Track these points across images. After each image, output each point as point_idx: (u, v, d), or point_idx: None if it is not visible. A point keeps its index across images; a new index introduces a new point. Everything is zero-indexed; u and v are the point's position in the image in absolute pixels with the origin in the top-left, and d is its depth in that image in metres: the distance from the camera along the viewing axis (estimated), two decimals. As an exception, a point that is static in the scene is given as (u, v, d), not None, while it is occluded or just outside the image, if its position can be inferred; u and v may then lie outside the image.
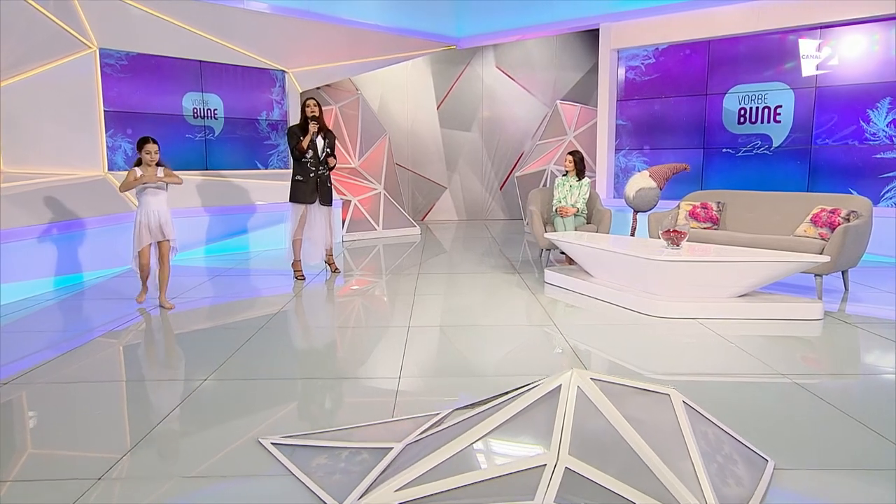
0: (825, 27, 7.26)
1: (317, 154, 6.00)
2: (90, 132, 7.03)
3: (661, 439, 2.04)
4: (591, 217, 6.71)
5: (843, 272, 5.28)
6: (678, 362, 3.73)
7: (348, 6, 8.61)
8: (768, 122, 7.76)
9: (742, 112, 7.97)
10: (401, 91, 11.57)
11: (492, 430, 2.10)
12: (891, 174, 6.98)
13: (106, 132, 7.20)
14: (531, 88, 11.63)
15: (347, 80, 10.54)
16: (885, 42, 6.91)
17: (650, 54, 8.65)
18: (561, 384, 2.18)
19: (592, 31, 9.68)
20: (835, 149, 7.35)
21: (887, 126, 6.96)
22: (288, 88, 8.95)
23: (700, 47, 8.24)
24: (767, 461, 2.32)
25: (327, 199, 6.15)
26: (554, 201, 6.69)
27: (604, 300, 5.09)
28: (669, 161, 7.84)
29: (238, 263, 7.18)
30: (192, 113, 8.05)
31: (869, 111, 7.05)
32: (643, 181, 6.74)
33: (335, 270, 6.49)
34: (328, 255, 6.44)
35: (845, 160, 7.26)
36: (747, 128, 7.96)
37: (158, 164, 4.90)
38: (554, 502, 1.84)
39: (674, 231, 4.95)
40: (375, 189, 9.93)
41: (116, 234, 6.25)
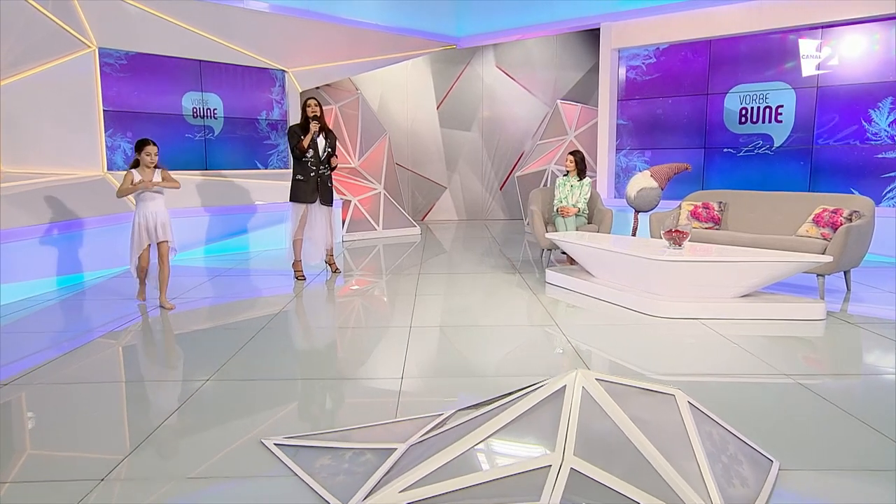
0: (826, 27, 7.25)
1: (317, 153, 5.98)
2: (89, 132, 7.01)
3: (667, 440, 2.03)
4: (593, 217, 6.70)
5: (846, 272, 5.27)
6: (681, 363, 3.72)
7: (348, 6, 8.60)
8: (769, 122, 7.75)
9: (743, 112, 7.95)
10: (401, 91, 11.55)
11: (496, 431, 2.09)
12: (892, 174, 6.98)
13: (105, 132, 7.18)
14: (531, 88, 11.62)
15: (347, 80, 10.53)
16: (887, 42, 6.90)
17: (651, 54, 8.64)
18: (566, 385, 2.17)
19: (593, 31, 9.67)
20: (836, 149, 7.34)
21: (889, 126, 6.96)
22: (288, 88, 8.94)
23: (701, 47, 8.23)
24: (772, 461, 2.31)
25: (328, 199, 6.14)
26: (555, 201, 6.68)
27: (605, 300, 5.08)
28: (671, 161, 7.82)
29: (238, 263, 7.16)
30: (192, 112, 8.03)
31: (871, 111, 7.05)
32: (644, 181, 6.73)
33: (336, 270, 6.47)
34: (329, 256, 6.43)
35: (847, 160, 7.25)
36: (748, 127, 7.95)
37: (156, 167, 4.91)
38: (560, 503, 1.82)
39: (676, 231, 4.94)
40: (375, 189, 9.92)
41: (117, 234, 6.23)
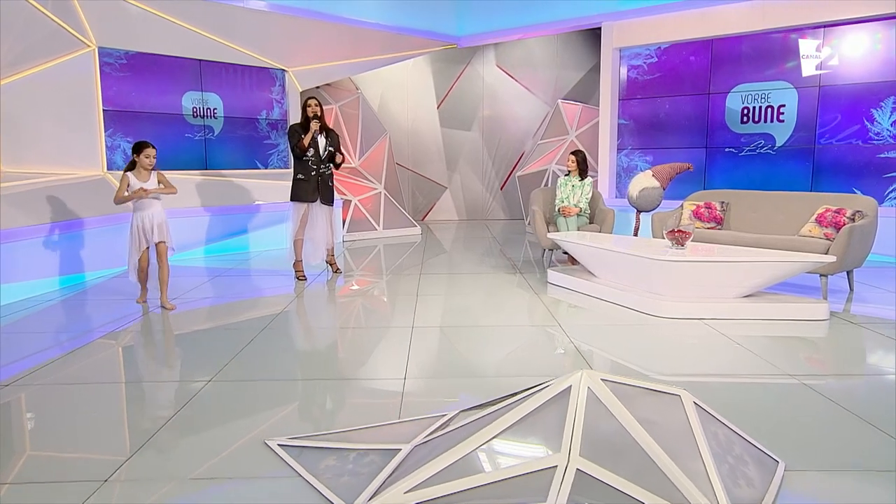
0: (828, 26, 7.24)
1: (318, 153, 5.96)
2: (89, 132, 6.98)
3: (673, 440, 2.02)
4: (594, 217, 6.68)
5: (849, 272, 5.25)
6: (684, 363, 3.71)
7: (348, 5, 8.57)
8: (771, 122, 7.74)
9: (745, 111, 7.94)
10: (401, 90, 11.52)
11: (502, 432, 2.08)
12: (895, 174, 6.96)
13: (105, 132, 7.16)
14: (532, 87, 11.60)
15: (348, 80, 10.51)
16: (889, 41, 6.89)
17: (652, 53, 8.62)
18: (571, 385, 2.16)
19: (593, 30, 9.65)
20: (838, 148, 7.32)
21: (891, 125, 6.94)
22: (288, 87, 8.92)
23: (703, 46, 8.21)
24: (778, 462, 2.30)
25: (329, 198, 6.12)
26: (556, 201, 6.66)
27: (607, 300, 5.06)
28: (672, 161, 7.80)
29: (238, 264, 7.14)
30: (192, 112, 8.01)
31: (873, 110, 7.03)
32: (646, 181, 6.72)
33: (337, 271, 6.45)
34: (329, 255, 6.41)
35: (849, 160, 7.24)
36: (750, 127, 7.93)
37: (152, 169, 4.96)
38: (566, 504, 1.81)
39: (678, 231, 4.92)
40: (376, 189, 9.90)
41: (117, 234, 6.21)
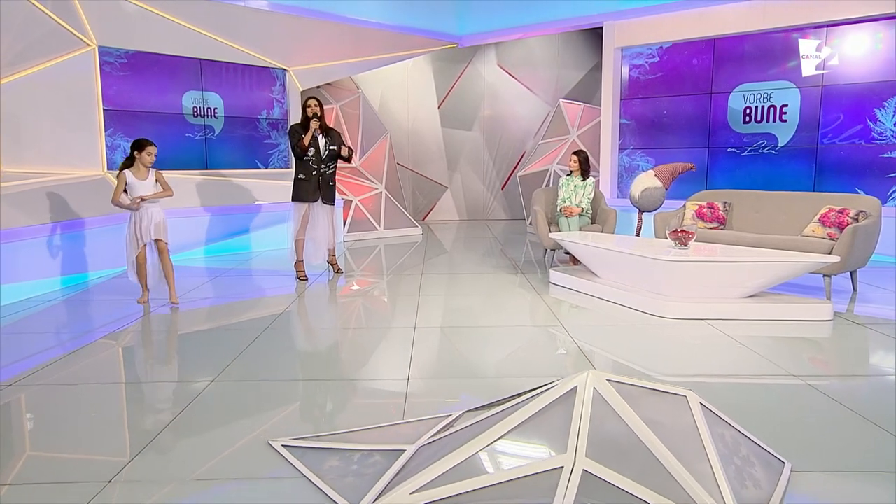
0: (831, 25, 7.22)
1: (318, 152, 5.94)
2: (89, 131, 6.96)
3: (679, 441, 2.01)
4: (596, 217, 6.66)
5: (852, 273, 5.24)
6: (688, 363, 3.69)
7: (349, 4, 8.55)
8: (774, 122, 7.72)
9: (747, 111, 7.92)
10: (401, 90, 11.50)
11: (508, 433, 2.06)
12: (898, 174, 6.96)
13: (105, 131, 7.13)
14: (533, 87, 11.58)
15: (348, 79, 10.48)
16: (891, 41, 6.86)
17: (654, 53, 8.60)
18: (577, 386, 2.14)
19: (595, 30, 9.64)
20: (841, 148, 7.30)
21: (894, 125, 6.91)
22: (288, 87, 8.89)
23: (705, 46, 8.19)
24: (784, 463, 2.29)
25: (329, 198, 6.10)
26: (558, 201, 6.64)
27: (610, 301, 5.04)
28: (674, 160, 7.78)
29: (239, 264, 7.13)
30: (192, 111, 7.99)
31: (876, 110, 7.00)
32: (649, 181, 6.70)
33: (338, 271, 6.43)
34: (331, 256, 6.39)
35: (852, 160, 7.21)
36: (753, 127, 7.91)
37: (151, 167, 5.01)
38: (573, 505, 1.80)
39: (681, 231, 4.90)
40: (376, 189, 9.87)
41: (118, 234, 6.15)
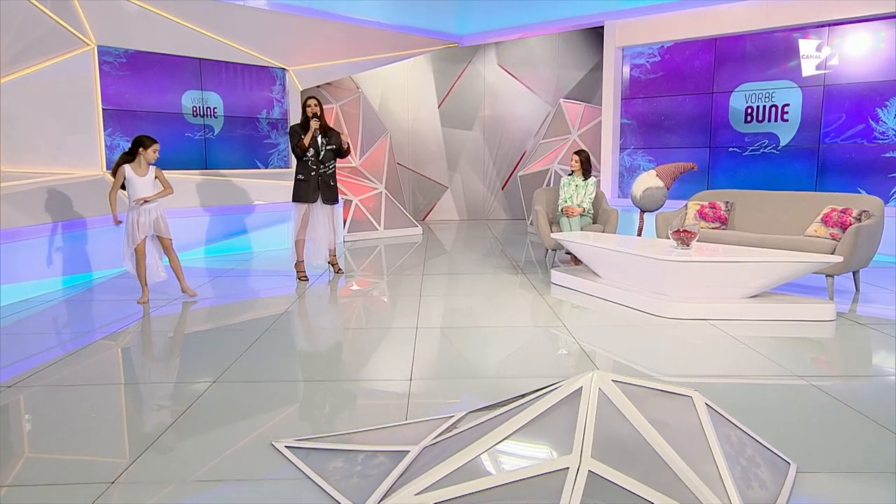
0: (833, 25, 7.20)
1: (317, 152, 5.92)
2: (88, 131, 6.93)
3: (685, 442, 1.99)
4: (598, 217, 6.64)
5: (854, 273, 5.22)
6: (691, 364, 3.67)
7: (349, 3, 8.52)
8: (775, 121, 7.70)
9: (749, 110, 7.90)
10: (401, 89, 11.48)
11: (513, 433, 2.05)
12: (900, 173, 6.93)
13: (104, 131, 7.11)
14: (533, 87, 11.57)
15: (348, 79, 10.46)
16: (893, 40, 6.83)
17: (655, 52, 8.59)
18: (582, 386, 2.13)
19: (595, 29, 9.62)
20: (843, 148, 7.28)
21: (897, 125, 6.92)
22: (288, 86, 8.87)
23: (706, 45, 8.17)
24: (790, 464, 2.28)
25: (330, 198, 6.07)
26: (560, 201, 6.62)
27: (612, 301, 5.03)
28: (675, 160, 7.77)
29: (239, 264, 7.10)
30: (192, 111, 7.96)
31: (878, 110, 6.98)
32: (650, 180, 6.68)
33: (338, 271, 6.40)
34: (332, 256, 6.36)
35: (854, 159, 7.19)
36: (754, 126, 7.89)
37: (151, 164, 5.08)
38: (580, 506, 1.78)
39: (684, 231, 4.89)
40: (377, 189, 9.85)
41: (118, 233, 6.14)
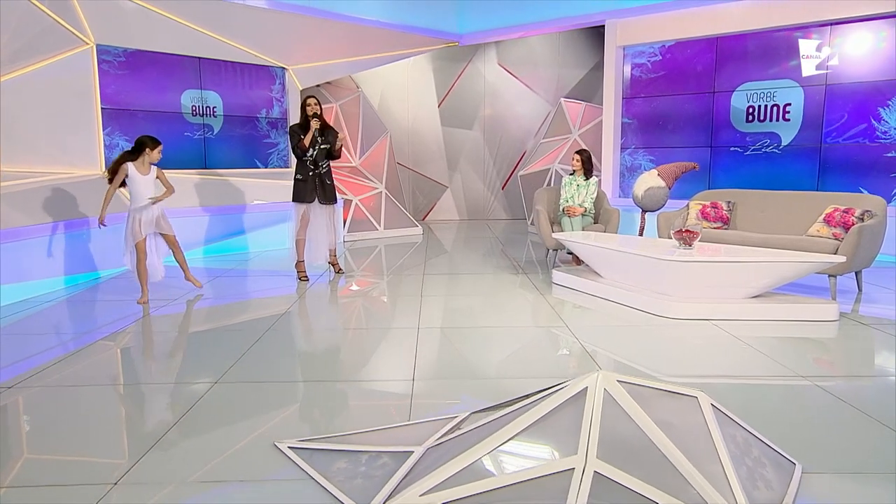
0: (835, 24, 7.18)
1: (315, 152, 5.88)
2: (87, 130, 6.91)
3: (691, 442, 1.99)
4: (599, 217, 6.62)
5: (857, 273, 5.21)
6: (693, 364, 3.66)
7: (349, 2, 8.48)
8: (777, 121, 7.67)
9: (750, 110, 7.87)
10: (401, 89, 11.45)
11: (518, 434, 2.03)
12: (902, 173, 6.91)
13: (103, 130, 7.08)
14: (533, 86, 11.55)
15: (348, 78, 10.44)
16: (895, 39, 6.80)
17: (657, 51, 8.56)
18: (587, 387, 2.12)
19: (596, 28, 9.60)
20: (845, 147, 7.25)
21: (899, 125, 6.88)
22: (288, 85, 8.85)
23: (707, 44, 8.14)
24: (795, 465, 2.27)
25: (328, 197, 6.03)
26: (561, 201, 6.60)
27: (614, 301, 5.01)
28: (676, 160, 7.75)
29: (239, 264, 7.08)
30: (191, 110, 7.94)
31: (880, 109, 6.96)
32: (652, 180, 6.65)
33: (339, 271, 6.38)
34: (332, 256, 6.34)
35: (856, 159, 7.16)
36: (756, 126, 7.86)
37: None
38: (586, 506, 1.76)
39: (686, 231, 4.87)
40: (377, 188, 9.82)
41: (118, 234, 6.13)
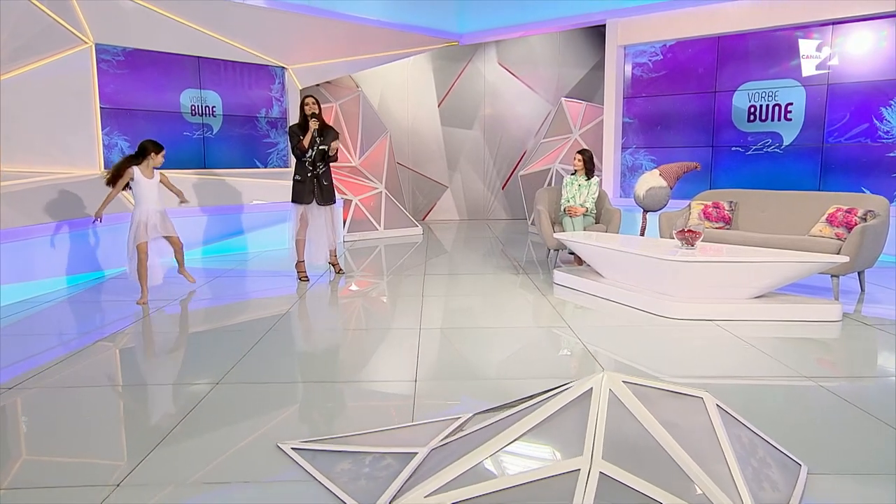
0: (837, 23, 7.15)
1: (313, 153, 5.86)
2: (86, 130, 6.89)
3: (696, 443, 1.97)
4: (600, 217, 6.61)
5: (860, 273, 5.19)
6: (696, 365, 3.64)
7: (349, 1, 8.45)
8: (779, 120, 7.64)
9: (752, 109, 7.84)
10: (401, 88, 11.43)
11: (523, 435, 2.02)
12: (904, 173, 6.88)
13: (102, 130, 7.06)
14: (534, 85, 11.53)
15: (347, 77, 10.42)
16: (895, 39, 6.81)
17: (658, 51, 8.54)
18: (592, 387, 2.11)
19: (597, 27, 9.59)
20: (847, 147, 7.23)
21: (901, 124, 6.86)
22: (287, 85, 8.83)
23: (709, 44, 8.12)
24: (800, 465, 2.26)
25: (326, 198, 5.99)
26: (562, 201, 6.58)
27: (616, 301, 4.99)
28: (677, 160, 7.73)
29: (238, 264, 7.05)
30: (190, 110, 7.92)
31: (882, 109, 6.93)
32: (654, 180, 6.63)
33: (339, 271, 6.36)
34: (332, 256, 6.31)
35: (858, 159, 7.14)
36: (757, 125, 7.83)
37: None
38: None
39: (689, 231, 4.86)
40: (377, 188, 9.80)
41: (117, 234, 6.13)
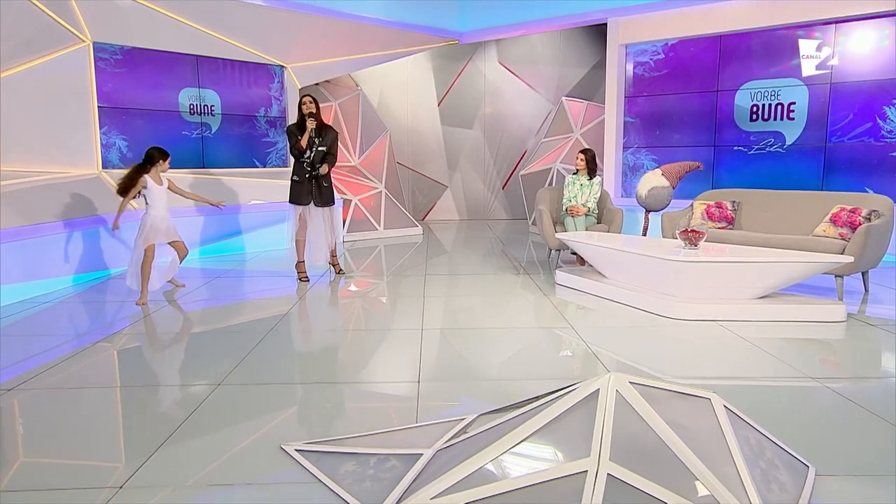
0: (839, 22, 7.13)
1: (311, 153, 5.82)
2: (84, 129, 6.85)
3: (704, 444, 1.96)
4: (602, 217, 6.58)
5: (864, 273, 5.17)
6: (700, 365, 3.61)
7: (348, 0, 8.44)
8: (781, 119, 7.62)
9: (754, 109, 7.82)
10: (401, 87, 11.39)
11: (530, 436, 2.00)
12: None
13: (100, 129, 7.02)
14: (534, 85, 11.50)
15: (347, 76, 10.39)
16: (899, 38, 6.80)
17: (659, 49, 8.51)
18: (599, 388, 2.08)
19: (598, 26, 9.57)
20: (850, 147, 7.21)
21: (905, 124, 6.84)
22: (287, 84, 8.80)
23: (711, 42, 8.09)
24: (808, 467, 2.24)
25: (325, 200, 5.94)
26: (564, 200, 6.55)
27: (619, 302, 4.96)
28: (679, 159, 7.71)
29: (237, 265, 7.02)
30: (189, 109, 7.89)
31: (885, 108, 6.91)
32: (656, 180, 6.60)
33: (339, 272, 6.32)
34: (332, 256, 6.27)
35: (861, 158, 7.12)
36: (760, 125, 7.80)
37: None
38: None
39: (692, 231, 4.83)
40: (376, 188, 9.76)
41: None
